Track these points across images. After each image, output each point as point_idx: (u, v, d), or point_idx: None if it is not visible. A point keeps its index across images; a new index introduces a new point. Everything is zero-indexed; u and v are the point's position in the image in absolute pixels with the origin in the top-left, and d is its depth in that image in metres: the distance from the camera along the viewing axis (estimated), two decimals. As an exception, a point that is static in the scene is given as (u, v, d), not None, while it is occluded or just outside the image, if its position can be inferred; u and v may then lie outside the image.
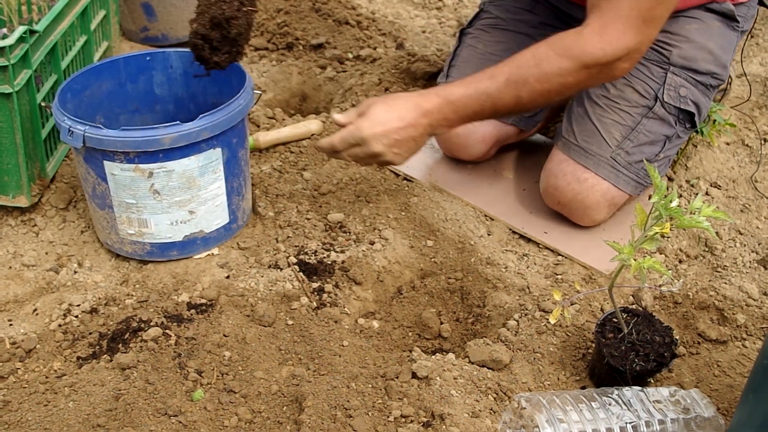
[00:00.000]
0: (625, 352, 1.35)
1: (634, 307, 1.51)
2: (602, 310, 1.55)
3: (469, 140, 1.90)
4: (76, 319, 1.50)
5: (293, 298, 1.54)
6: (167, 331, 1.44)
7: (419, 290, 1.65)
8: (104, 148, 1.48)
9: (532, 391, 1.38)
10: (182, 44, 2.39)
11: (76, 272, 1.62)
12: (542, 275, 1.65)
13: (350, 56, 2.46)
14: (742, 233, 1.76)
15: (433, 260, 1.70)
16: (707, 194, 1.87)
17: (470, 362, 1.42)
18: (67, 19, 1.81)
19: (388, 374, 1.35)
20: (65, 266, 1.64)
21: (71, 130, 1.48)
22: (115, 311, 1.51)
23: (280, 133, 1.98)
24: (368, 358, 1.42)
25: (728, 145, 2.02)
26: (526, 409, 1.25)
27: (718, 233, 1.75)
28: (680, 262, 1.70)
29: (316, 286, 1.58)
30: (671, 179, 1.91)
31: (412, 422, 1.27)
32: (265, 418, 1.30)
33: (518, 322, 1.51)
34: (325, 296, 1.56)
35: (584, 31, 1.47)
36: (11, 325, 1.49)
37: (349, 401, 1.29)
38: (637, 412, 1.25)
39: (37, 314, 1.52)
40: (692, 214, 1.23)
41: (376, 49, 2.48)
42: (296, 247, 1.68)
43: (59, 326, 1.48)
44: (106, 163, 1.51)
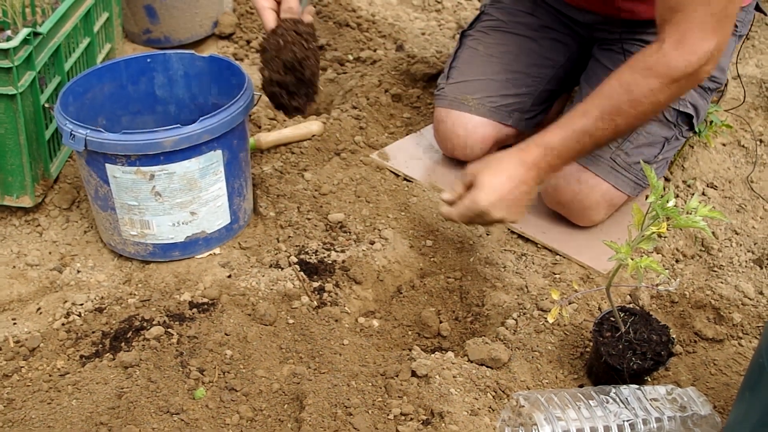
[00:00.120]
0: (622, 350, 1.35)
1: (631, 306, 1.52)
2: (600, 309, 1.56)
3: (468, 141, 1.91)
4: (79, 318, 1.51)
5: (294, 297, 1.55)
6: (169, 330, 1.45)
7: (419, 289, 1.66)
8: (106, 151, 1.49)
9: (530, 389, 1.39)
10: (184, 46, 2.42)
11: (79, 272, 1.63)
12: (540, 275, 1.65)
13: (350, 58, 2.47)
14: (738, 233, 1.77)
15: (432, 260, 1.71)
16: (704, 194, 1.88)
17: (469, 361, 1.43)
18: (70, 21, 1.82)
19: (387, 372, 1.35)
20: (68, 266, 1.65)
21: (73, 133, 1.49)
22: (117, 310, 1.52)
23: (281, 133, 1.99)
24: (368, 356, 1.43)
25: (724, 146, 2.03)
26: (524, 407, 1.26)
27: (714, 233, 1.76)
28: (677, 261, 1.71)
29: (316, 285, 1.59)
30: (668, 179, 1.92)
31: (411, 420, 1.27)
32: (266, 416, 1.31)
33: (517, 321, 1.52)
34: (325, 295, 1.57)
35: (663, 46, 1.44)
36: (15, 324, 1.50)
37: (349, 399, 1.30)
38: (634, 410, 1.26)
39: (40, 313, 1.53)
40: (689, 214, 1.23)
41: (376, 51, 2.49)
42: (297, 246, 1.69)
43: (62, 325, 1.49)
44: (107, 165, 1.52)
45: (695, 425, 1.27)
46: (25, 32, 1.58)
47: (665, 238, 1.75)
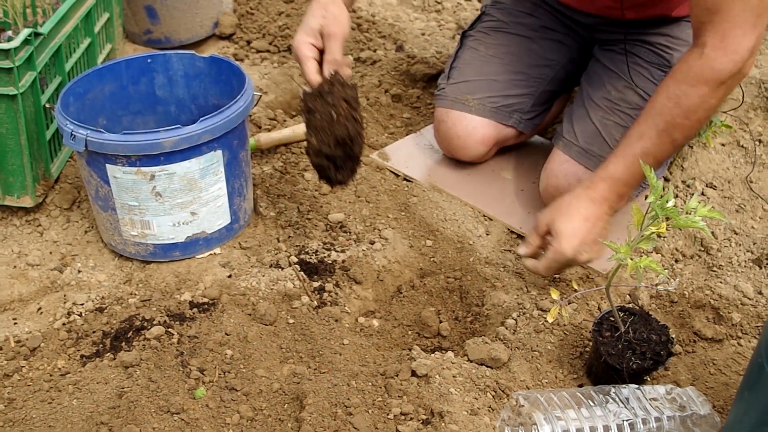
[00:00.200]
0: (621, 350, 1.35)
1: (630, 306, 1.52)
2: (599, 308, 1.56)
3: (468, 141, 1.91)
4: (79, 317, 1.51)
5: (294, 297, 1.55)
6: (170, 329, 1.45)
7: (419, 289, 1.67)
8: (106, 151, 1.49)
9: (530, 389, 1.39)
10: (184, 46, 2.42)
11: (79, 272, 1.64)
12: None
13: (350, 58, 2.47)
14: (737, 233, 1.78)
15: (432, 260, 1.71)
16: (703, 194, 1.88)
17: (469, 360, 1.43)
18: (71, 21, 1.82)
19: (387, 372, 1.35)
20: (69, 266, 1.65)
21: (74, 134, 1.49)
22: (118, 310, 1.52)
23: (281, 133, 1.99)
24: (368, 356, 1.43)
25: (724, 146, 2.03)
26: (524, 406, 1.26)
27: (713, 233, 1.77)
28: (676, 261, 1.71)
29: (316, 285, 1.59)
30: (667, 180, 1.93)
31: (411, 420, 1.27)
32: (266, 415, 1.31)
33: (516, 320, 1.52)
34: (325, 295, 1.57)
35: (705, 50, 1.43)
36: (16, 323, 1.51)
37: (349, 399, 1.30)
38: (633, 409, 1.26)
39: (41, 313, 1.53)
40: (688, 214, 1.23)
41: (376, 51, 2.50)
42: (297, 246, 1.69)
43: (63, 325, 1.49)
44: (108, 166, 1.52)
45: (694, 425, 1.28)
46: (26, 33, 1.58)
47: (664, 238, 1.75)
